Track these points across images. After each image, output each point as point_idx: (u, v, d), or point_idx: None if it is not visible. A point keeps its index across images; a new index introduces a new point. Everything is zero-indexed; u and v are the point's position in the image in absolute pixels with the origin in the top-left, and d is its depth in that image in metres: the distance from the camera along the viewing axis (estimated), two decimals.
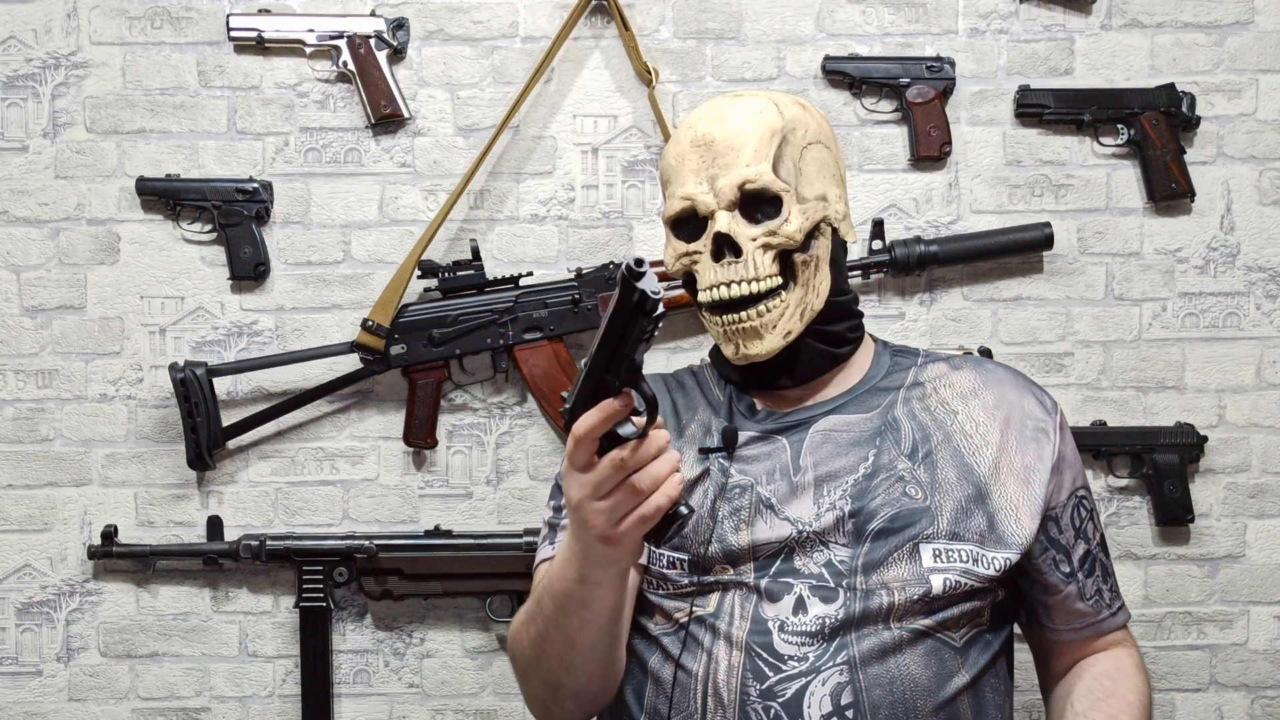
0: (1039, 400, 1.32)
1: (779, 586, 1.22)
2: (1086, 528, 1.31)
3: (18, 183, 1.91)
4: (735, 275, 1.24)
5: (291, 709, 1.92)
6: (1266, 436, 1.93)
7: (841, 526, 1.23)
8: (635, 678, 1.28)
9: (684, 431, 1.33)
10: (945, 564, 1.21)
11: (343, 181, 1.92)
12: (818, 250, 1.27)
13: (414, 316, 1.87)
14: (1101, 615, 1.32)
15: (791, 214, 1.25)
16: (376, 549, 1.86)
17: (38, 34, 1.90)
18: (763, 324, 1.25)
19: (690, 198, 1.26)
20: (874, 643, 1.19)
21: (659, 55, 1.91)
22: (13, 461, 1.91)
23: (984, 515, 1.23)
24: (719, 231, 1.25)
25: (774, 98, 1.29)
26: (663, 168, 1.32)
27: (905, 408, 1.30)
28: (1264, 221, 1.93)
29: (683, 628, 1.25)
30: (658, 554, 1.27)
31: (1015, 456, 1.27)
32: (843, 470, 1.25)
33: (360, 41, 1.88)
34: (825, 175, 1.29)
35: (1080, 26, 1.92)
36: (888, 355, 1.36)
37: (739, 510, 1.25)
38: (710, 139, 1.26)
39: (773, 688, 1.18)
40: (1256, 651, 1.94)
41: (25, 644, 1.92)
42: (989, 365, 1.36)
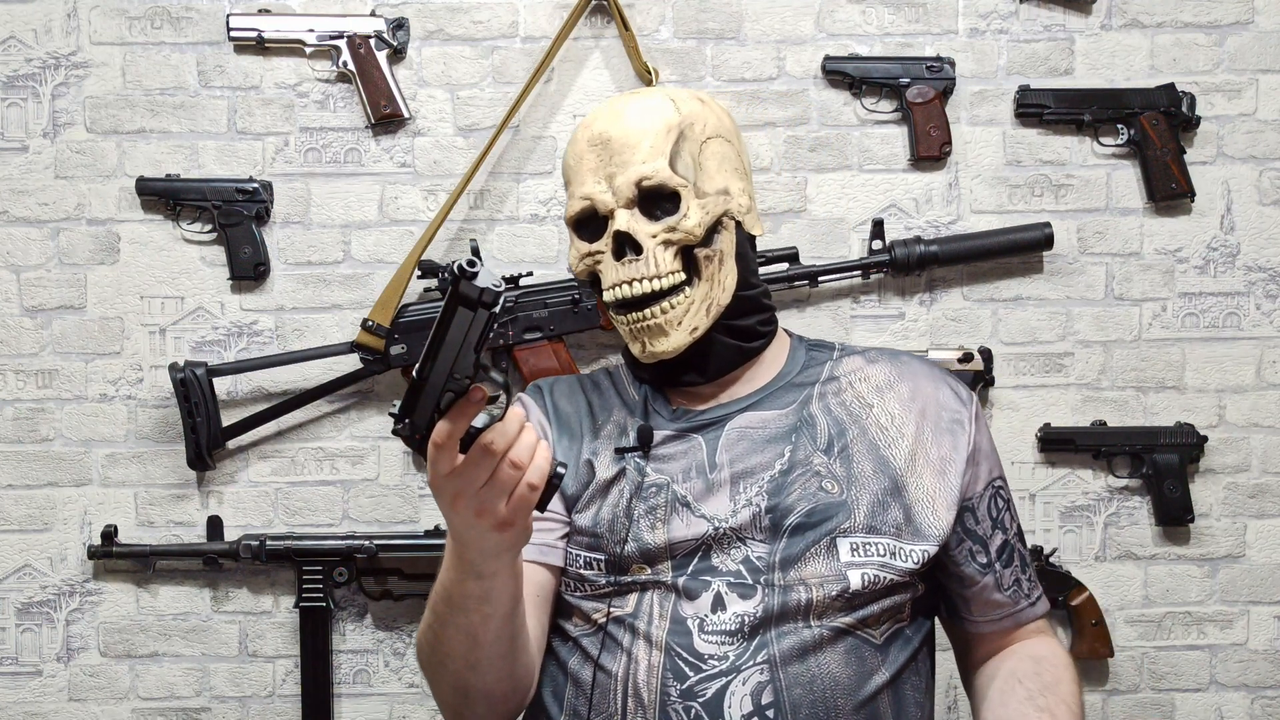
0: (954, 392, 1.32)
1: (697, 584, 1.21)
2: (1003, 518, 1.31)
3: (18, 183, 1.91)
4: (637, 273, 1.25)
5: (291, 709, 1.92)
6: (1266, 436, 1.93)
7: (758, 523, 1.22)
8: (555, 679, 1.27)
9: (599, 432, 1.32)
10: (863, 558, 1.21)
11: (343, 181, 1.92)
12: (721, 245, 1.27)
13: (414, 316, 1.87)
14: (1020, 605, 1.32)
15: (690, 209, 1.24)
16: (376, 549, 1.86)
17: (38, 34, 1.90)
18: (667, 321, 1.25)
19: (589, 197, 1.26)
20: (794, 641, 1.19)
21: (659, 55, 1.91)
22: (13, 461, 1.91)
23: (900, 508, 1.24)
24: (618, 230, 1.25)
25: (671, 94, 1.29)
26: (563, 168, 1.32)
27: (821, 403, 1.29)
28: (1264, 221, 1.93)
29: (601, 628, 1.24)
30: (574, 555, 1.27)
31: (931, 448, 1.27)
32: (759, 467, 1.25)
33: (360, 41, 1.88)
34: (727, 169, 1.29)
35: (1080, 26, 1.92)
36: (803, 350, 1.36)
37: (655, 509, 1.24)
38: (607, 137, 1.26)
39: (693, 687, 1.18)
40: (1256, 651, 1.94)
41: (25, 644, 1.92)
42: (904, 358, 1.36)
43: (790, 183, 1.93)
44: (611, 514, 1.26)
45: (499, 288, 0.92)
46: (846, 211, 1.93)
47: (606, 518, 1.26)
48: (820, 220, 1.93)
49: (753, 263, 1.34)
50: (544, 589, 1.28)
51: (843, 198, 1.93)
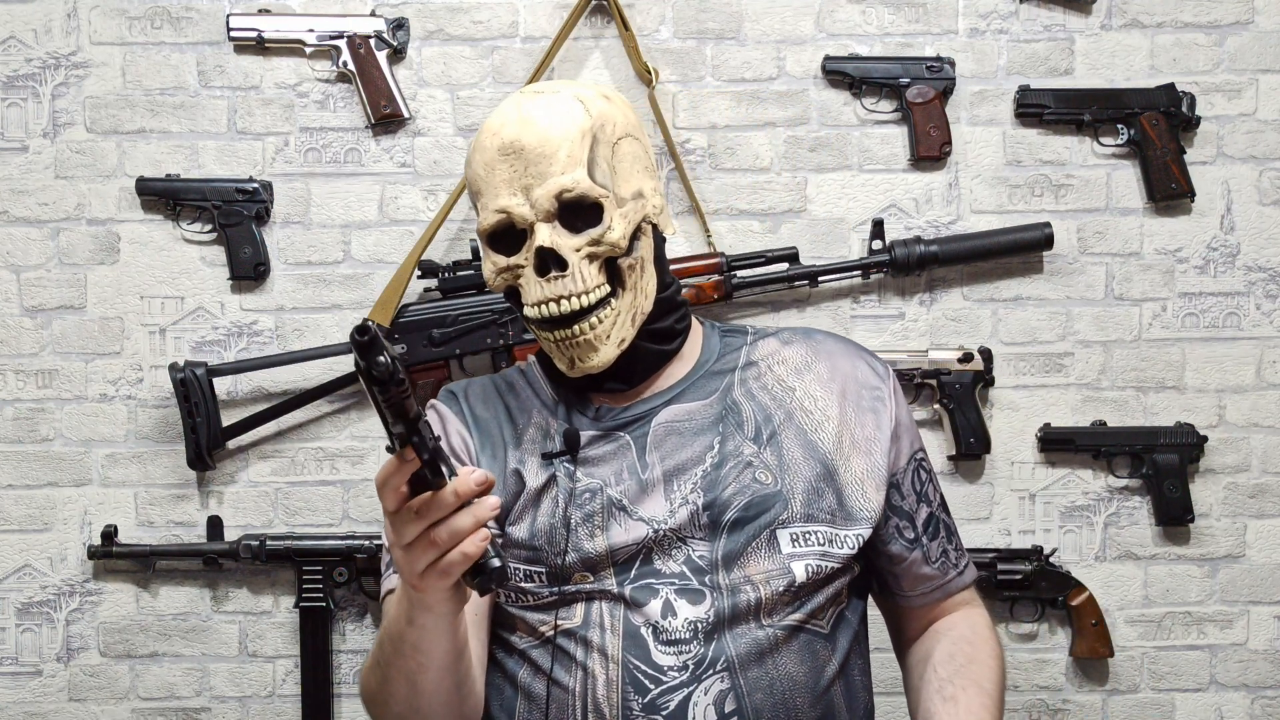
0: (871, 367, 1.31)
1: (642, 592, 1.19)
2: (927, 490, 1.31)
3: (18, 183, 1.91)
4: (563, 290, 1.20)
5: (291, 709, 1.92)
6: (1266, 436, 1.93)
7: (697, 520, 1.21)
8: (502, 693, 1.25)
9: (522, 437, 1.28)
10: (804, 548, 1.20)
11: (343, 181, 1.92)
12: (641, 251, 1.23)
13: (414, 316, 1.87)
14: (949, 576, 1.32)
15: (614, 220, 1.20)
16: (376, 549, 1.86)
17: (38, 34, 1.90)
18: (596, 336, 1.21)
19: (506, 210, 1.20)
20: (750, 644, 1.18)
21: (659, 55, 1.91)
22: (13, 461, 1.91)
23: (833, 492, 1.23)
24: (541, 246, 1.19)
25: (579, 93, 1.23)
26: (470, 176, 1.25)
27: (743, 389, 1.28)
28: (1264, 221, 1.93)
29: (549, 641, 1.21)
30: (513, 568, 1.23)
31: (855, 429, 1.26)
32: (690, 462, 1.23)
33: (360, 41, 1.88)
34: (638, 169, 1.25)
35: (1080, 26, 1.92)
36: (716, 336, 1.34)
37: (592, 515, 1.22)
38: (519, 145, 1.19)
39: (655, 700, 1.16)
40: (1256, 651, 1.94)
41: (25, 644, 1.92)
42: (818, 336, 1.34)
43: (790, 183, 1.93)
44: (549, 524, 1.22)
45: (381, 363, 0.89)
46: (846, 211, 1.93)
47: (544, 528, 1.22)
48: (820, 220, 1.93)
49: (666, 261, 1.30)
50: (480, 607, 1.25)
51: (843, 198, 1.93)
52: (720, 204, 1.92)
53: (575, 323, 1.21)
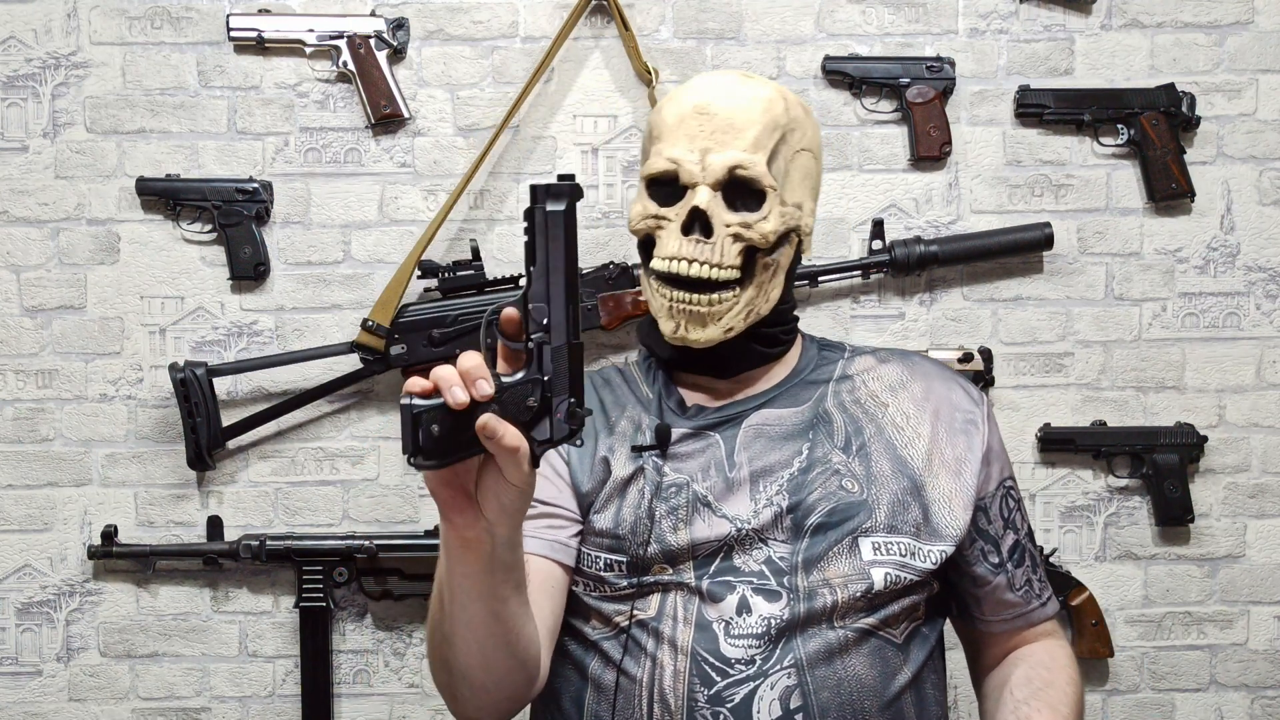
0: (966, 392, 1.32)
1: (720, 587, 1.20)
2: (1014, 518, 1.31)
3: (18, 183, 1.91)
4: (700, 255, 1.22)
5: (291, 709, 1.92)
6: (1266, 436, 1.93)
7: (780, 522, 1.22)
8: (573, 684, 1.25)
9: (614, 429, 1.30)
10: (884, 557, 1.20)
11: (343, 181, 1.92)
12: (780, 256, 1.26)
13: (414, 316, 1.87)
14: (1031, 605, 1.32)
15: (772, 214, 1.22)
16: (376, 549, 1.86)
17: (38, 34, 1.90)
18: (711, 313, 1.23)
19: (676, 161, 1.23)
20: (820, 644, 1.18)
21: (659, 55, 1.91)
22: (13, 461, 1.91)
23: (919, 507, 1.23)
24: (696, 206, 1.21)
25: (785, 93, 1.26)
26: (653, 122, 1.27)
27: (835, 400, 1.29)
28: (1264, 221, 1.93)
29: (623, 631, 1.22)
30: (593, 556, 1.25)
31: (946, 448, 1.27)
32: (778, 465, 1.24)
33: (360, 41, 1.88)
34: (806, 186, 1.27)
35: (1080, 26, 1.92)
36: (815, 348, 1.36)
37: (676, 509, 1.23)
38: (714, 110, 1.22)
39: (720, 693, 1.17)
40: (1256, 651, 1.94)
41: (25, 644, 1.92)
42: (915, 358, 1.35)
43: None
44: (633, 515, 1.24)
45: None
46: (846, 211, 1.93)
47: (628, 519, 1.24)
48: (820, 220, 1.92)
49: (795, 279, 1.33)
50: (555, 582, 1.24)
51: (843, 198, 1.93)
52: None
53: (698, 291, 1.23)
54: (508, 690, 1.16)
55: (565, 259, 0.93)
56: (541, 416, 0.94)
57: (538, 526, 1.25)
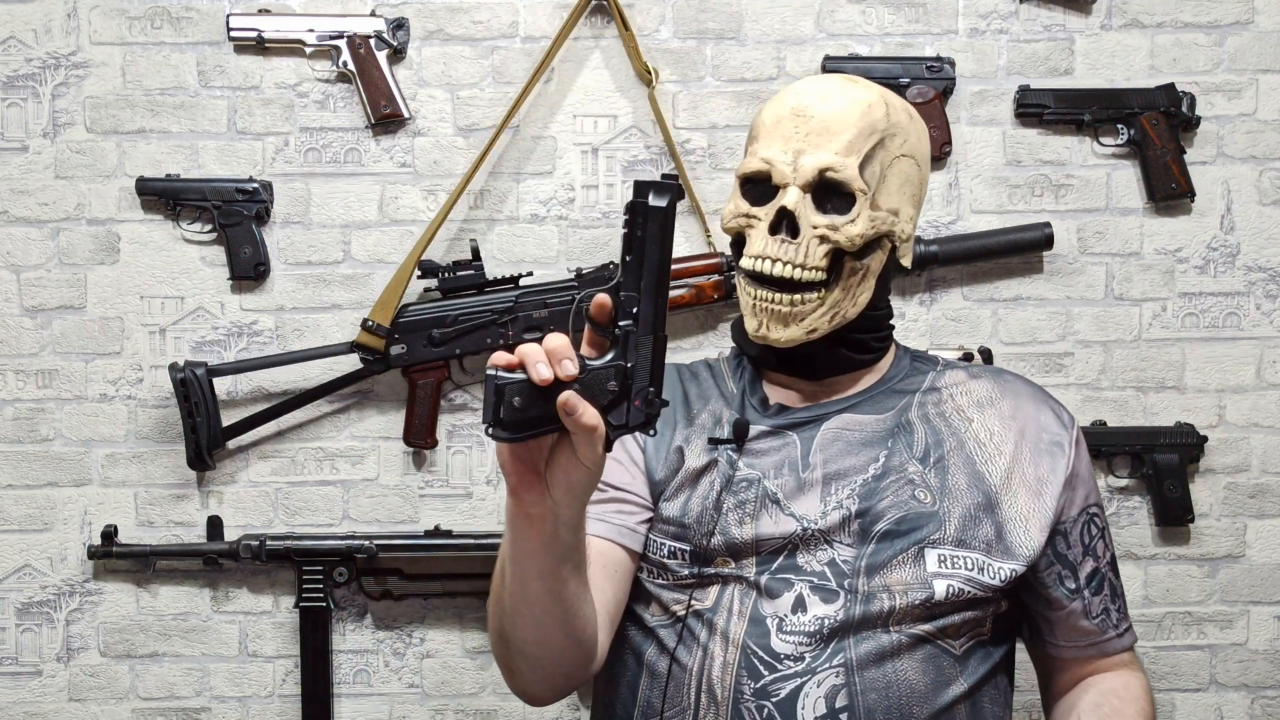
0: (1056, 414, 1.31)
1: (779, 584, 1.21)
2: (1096, 546, 1.29)
3: (18, 183, 1.91)
4: (784, 254, 1.23)
5: (291, 709, 1.92)
6: (1266, 436, 1.93)
7: (847, 526, 1.22)
8: (630, 669, 1.27)
9: (694, 420, 1.31)
10: (950, 570, 1.20)
11: (343, 181, 1.92)
12: (871, 261, 1.25)
13: (414, 316, 1.87)
14: (1107, 635, 1.30)
15: (860, 217, 1.22)
16: (376, 549, 1.86)
17: (38, 34, 1.90)
18: (792, 313, 1.24)
19: (770, 162, 1.24)
20: (872, 646, 1.18)
21: (659, 55, 1.91)
22: (13, 461, 1.91)
23: (992, 524, 1.22)
24: (784, 206, 1.22)
25: (889, 98, 1.27)
26: (754, 122, 1.29)
27: (920, 411, 1.28)
28: (1264, 221, 1.93)
29: (679, 620, 1.23)
30: (659, 543, 1.26)
31: (1028, 468, 1.26)
32: (852, 469, 1.24)
33: (360, 41, 1.88)
34: (906, 192, 1.27)
35: (1080, 26, 1.92)
36: (907, 359, 1.35)
37: (744, 504, 1.24)
38: (811, 113, 1.23)
39: (767, 687, 1.17)
40: (1256, 651, 1.94)
41: (25, 644, 1.92)
42: (1008, 376, 1.34)
43: None
44: (700, 506, 1.24)
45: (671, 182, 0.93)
46: None
47: (695, 509, 1.25)
48: None
49: (889, 289, 1.33)
50: (619, 566, 1.25)
51: None
52: (720, 204, 1.92)
53: (780, 290, 1.23)
54: (563, 668, 1.18)
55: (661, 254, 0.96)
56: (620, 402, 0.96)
57: (606, 510, 1.26)
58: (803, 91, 1.25)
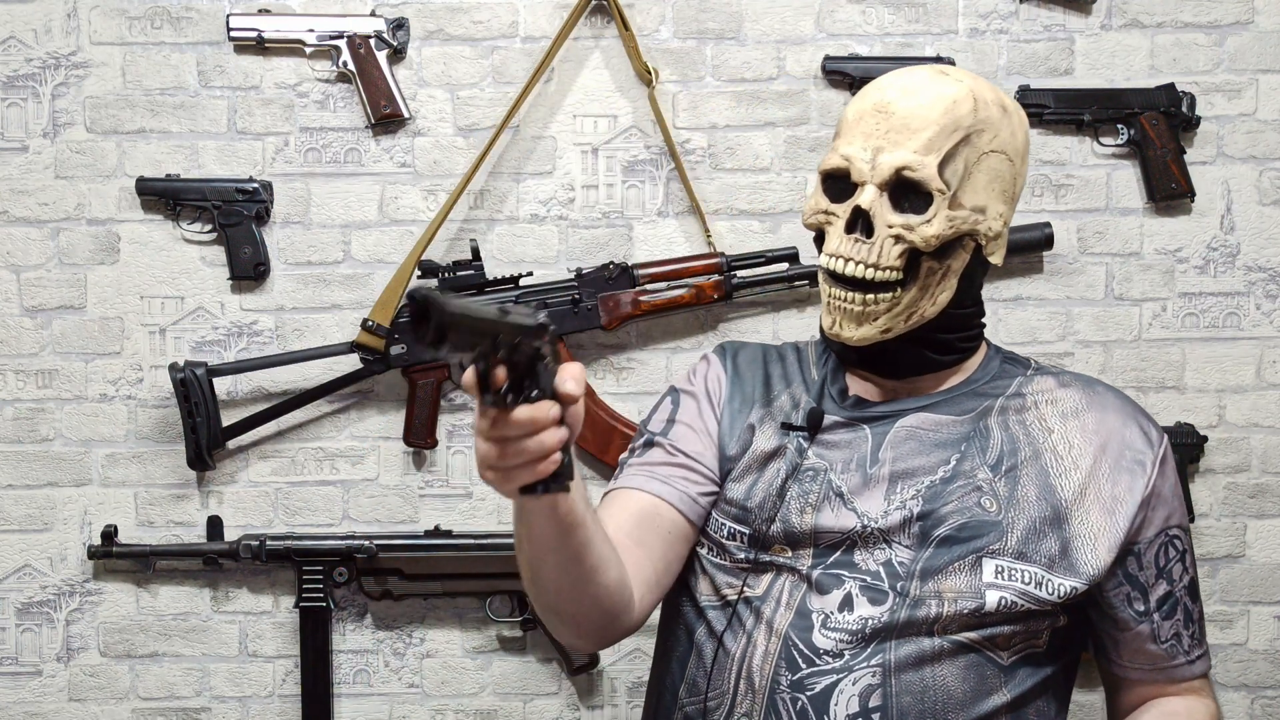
0: (1143, 431, 1.26)
1: (829, 579, 1.20)
2: (1173, 569, 1.25)
3: (18, 183, 1.91)
4: (858, 254, 1.21)
5: (291, 709, 1.92)
6: (1266, 436, 1.93)
7: (907, 527, 1.20)
8: (681, 645, 1.28)
9: (772, 403, 1.30)
10: (1005, 581, 1.18)
11: (343, 181, 1.92)
12: (952, 260, 1.22)
13: None
14: (1176, 661, 1.26)
15: (937, 217, 1.19)
16: (376, 549, 1.86)
17: (38, 34, 1.90)
18: (865, 312, 1.22)
19: (849, 159, 1.22)
20: (912, 649, 1.17)
21: (659, 55, 1.91)
22: (13, 461, 1.91)
23: (1058, 540, 1.20)
24: (859, 205, 1.20)
25: (978, 91, 1.22)
26: (840, 117, 1.27)
27: (1000, 418, 1.26)
28: (1264, 221, 1.93)
29: (730, 605, 1.24)
30: (720, 523, 1.26)
31: (1105, 485, 1.22)
32: (921, 470, 1.22)
33: (360, 41, 1.88)
34: (995, 189, 1.22)
35: (1080, 26, 1.92)
36: (997, 360, 1.31)
37: (808, 494, 1.23)
38: (892, 109, 1.20)
39: (803, 680, 1.17)
40: (1256, 651, 1.94)
41: (25, 644, 1.92)
42: (1099, 387, 1.30)
43: (790, 183, 1.93)
44: (764, 491, 1.24)
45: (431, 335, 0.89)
46: None
47: (759, 494, 1.24)
48: None
49: (978, 286, 1.29)
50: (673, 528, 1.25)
51: None
52: (720, 204, 1.92)
53: (854, 290, 1.22)
54: (590, 625, 1.19)
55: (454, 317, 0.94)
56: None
57: (674, 474, 1.27)
58: (887, 86, 1.22)
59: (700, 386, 1.34)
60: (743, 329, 1.92)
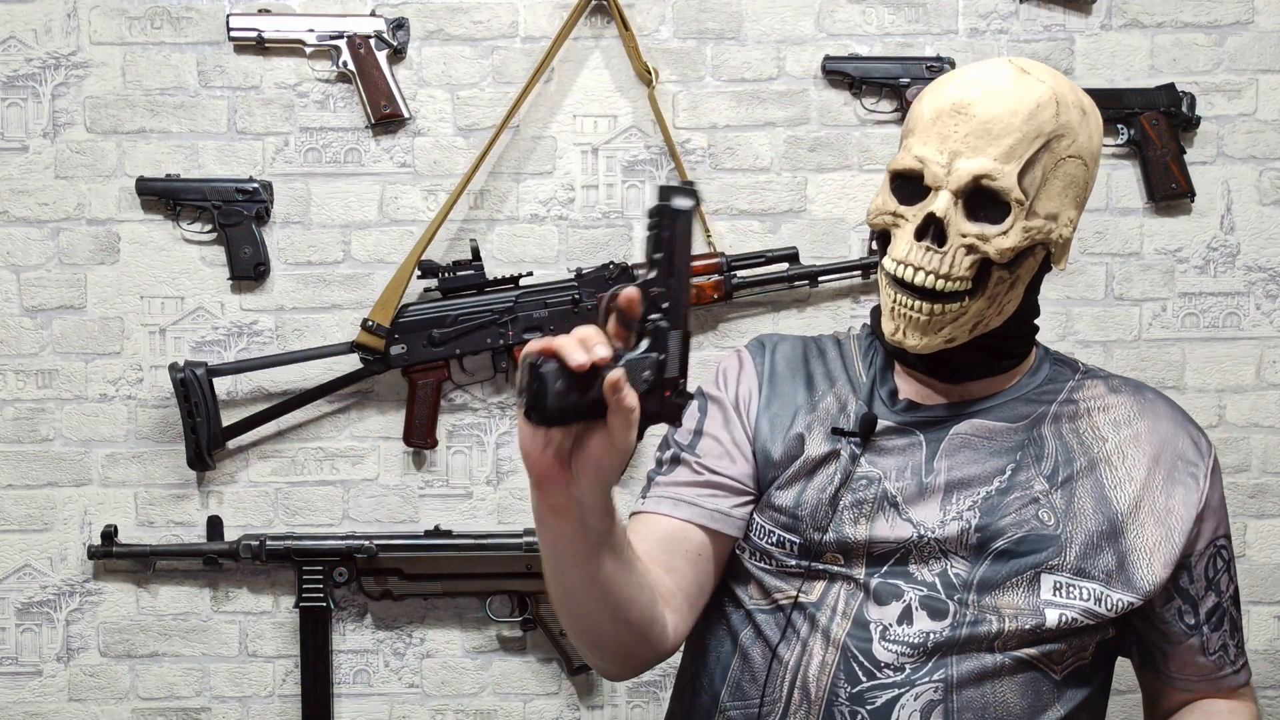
0: (1194, 441, 1.24)
1: (888, 590, 1.17)
2: (1220, 580, 1.24)
3: (18, 183, 1.91)
4: (929, 264, 1.15)
5: (291, 709, 1.92)
6: (1266, 436, 1.93)
7: (965, 539, 1.17)
8: (724, 646, 1.24)
9: (817, 405, 1.25)
10: (1065, 599, 1.16)
11: (343, 181, 1.92)
12: (1021, 270, 1.17)
13: (414, 316, 1.87)
14: (1224, 671, 1.25)
15: (1014, 229, 1.14)
16: (376, 549, 1.86)
17: (38, 34, 1.90)
18: (929, 322, 1.17)
19: (923, 160, 1.15)
20: (974, 665, 1.15)
21: (659, 55, 1.91)
22: (13, 461, 1.91)
23: (1114, 554, 1.17)
24: (933, 212, 1.15)
25: (1060, 94, 1.15)
26: (913, 113, 1.20)
27: (1053, 426, 1.22)
28: (1264, 221, 1.93)
29: (782, 610, 1.20)
30: (766, 529, 1.22)
31: (1159, 497, 1.20)
32: (976, 480, 1.19)
33: (360, 41, 1.88)
34: (1069, 195, 1.17)
35: (1080, 26, 1.92)
36: (1047, 363, 1.28)
37: (862, 503, 1.19)
38: (973, 111, 1.13)
39: (863, 693, 1.15)
40: (1256, 651, 1.94)
41: (25, 644, 1.92)
42: (1149, 394, 1.27)
43: (790, 183, 1.93)
44: (816, 499, 1.20)
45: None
46: (846, 211, 1.93)
47: (810, 501, 1.20)
48: (820, 220, 1.93)
49: (1039, 290, 1.24)
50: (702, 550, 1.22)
51: (843, 198, 1.93)
52: (720, 204, 1.92)
53: (921, 299, 1.16)
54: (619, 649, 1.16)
55: (687, 254, 0.97)
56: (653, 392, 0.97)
57: (698, 494, 1.23)
58: (968, 85, 1.15)
59: (730, 393, 1.29)
60: (743, 329, 1.92)
